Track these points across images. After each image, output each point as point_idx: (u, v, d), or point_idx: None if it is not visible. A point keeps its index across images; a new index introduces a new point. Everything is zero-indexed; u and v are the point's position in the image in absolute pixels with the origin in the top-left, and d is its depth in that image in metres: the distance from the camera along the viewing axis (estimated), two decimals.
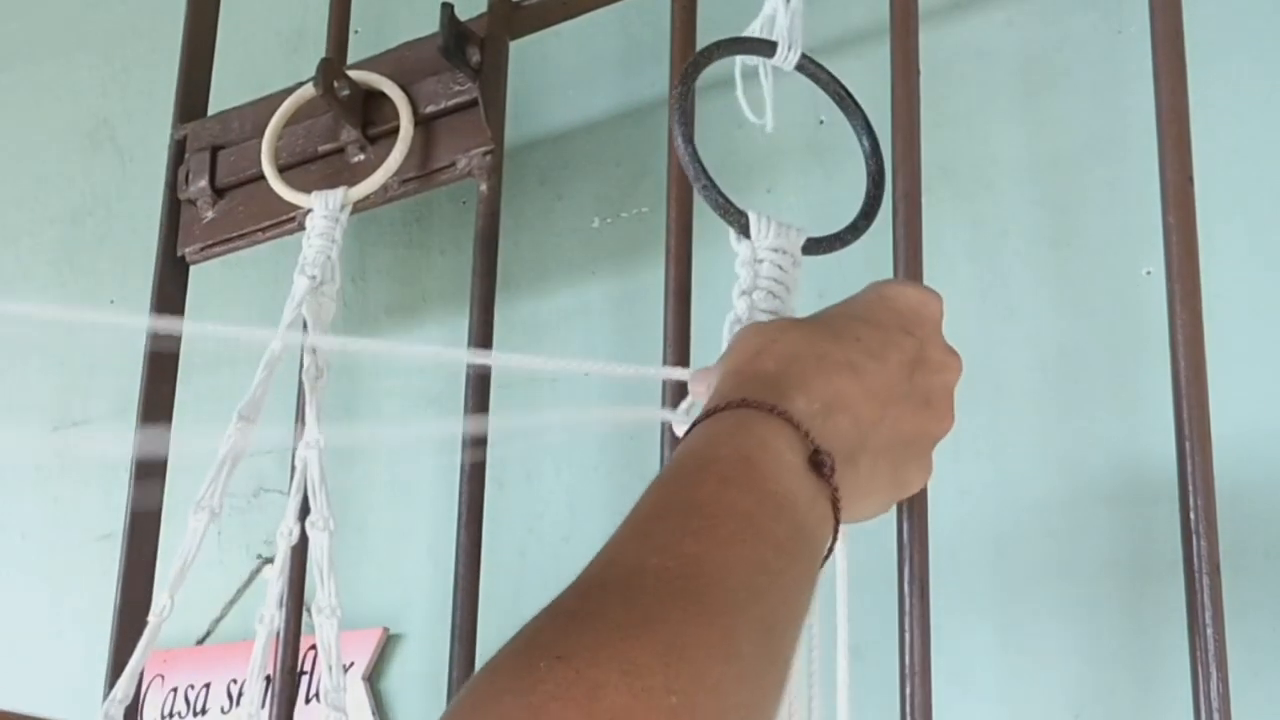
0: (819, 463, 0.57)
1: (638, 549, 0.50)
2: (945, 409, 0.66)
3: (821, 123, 1.11)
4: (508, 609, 1.13)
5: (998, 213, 1.04)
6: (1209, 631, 0.76)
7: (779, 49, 0.80)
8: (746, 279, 0.73)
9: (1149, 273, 0.96)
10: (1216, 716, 0.76)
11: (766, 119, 0.83)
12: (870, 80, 1.04)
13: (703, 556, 0.49)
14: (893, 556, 0.85)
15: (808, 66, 0.81)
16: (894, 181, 0.92)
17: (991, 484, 0.99)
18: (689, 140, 0.75)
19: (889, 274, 0.91)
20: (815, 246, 0.75)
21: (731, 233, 0.74)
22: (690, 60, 0.79)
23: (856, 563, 1.02)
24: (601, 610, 0.46)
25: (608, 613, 0.46)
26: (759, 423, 0.57)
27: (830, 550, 0.58)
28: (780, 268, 0.73)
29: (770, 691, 0.49)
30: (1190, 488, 0.79)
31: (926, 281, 0.90)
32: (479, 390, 1.05)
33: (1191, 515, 0.79)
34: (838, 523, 0.58)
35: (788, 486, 0.55)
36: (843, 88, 0.81)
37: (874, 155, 0.80)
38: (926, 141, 0.93)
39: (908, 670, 0.83)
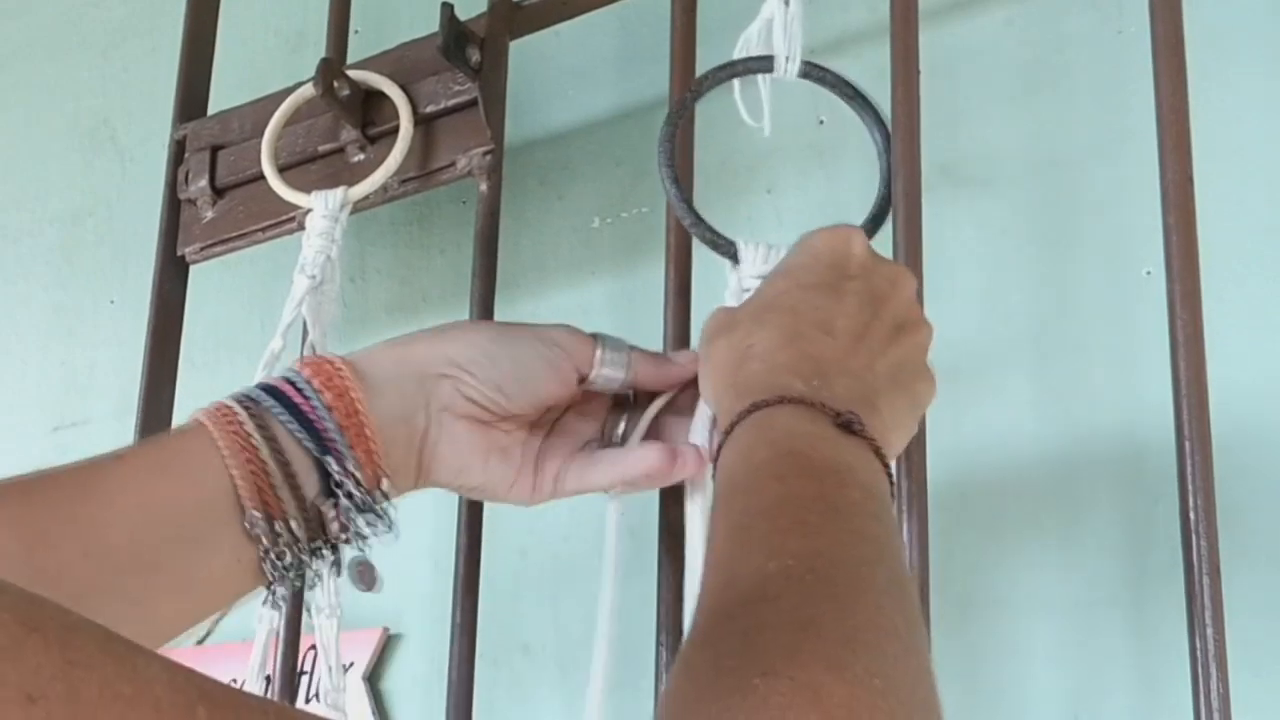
0: (848, 424, 0.58)
1: (749, 563, 0.50)
2: (916, 320, 0.69)
3: (821, 123, 1.11)
4: (508, 609, 1.13)
5: (998, 213, 1.04)
6: (1209, 631, 0.76)
7: (777, 62, 0.80)
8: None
9: (1149, 273, 0.96)
10: (1216, 716, 0.76)
11: (764, 124, 0.83)
12: (870, 80, 1.04)
13: (813, 549, 0.50)
14: None
15: (812, 72, 0.81)
16: (894, 181, 0.92)
17: (991, 480, 0.99)
18: (675, 181, 0.76)
19: None
20: None
21: (727, 262, 0.75)
22: (679, 98, 0.79)
23: None
24: (763, 623, 0.47)
25: (771, 622, 0.47)
26: (778, 417, 0.59)
27: (894, 495, 0.60)
28: None
29: (925, 647, 0.51)
30: (1190, 488, 0.79)
31: (927, 281, 0.90)
32: None
33: (1191, 515, 0.79)
34: (887, 468, 0.59)
35: (837, 457, 0.57)
36: (851, 86, 0.81)
37: (888, 152, 0.80)
38: (926, 141, 0.93)
39: None
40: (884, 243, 0.92)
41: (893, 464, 0.62)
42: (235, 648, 1.26)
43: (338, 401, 0.63)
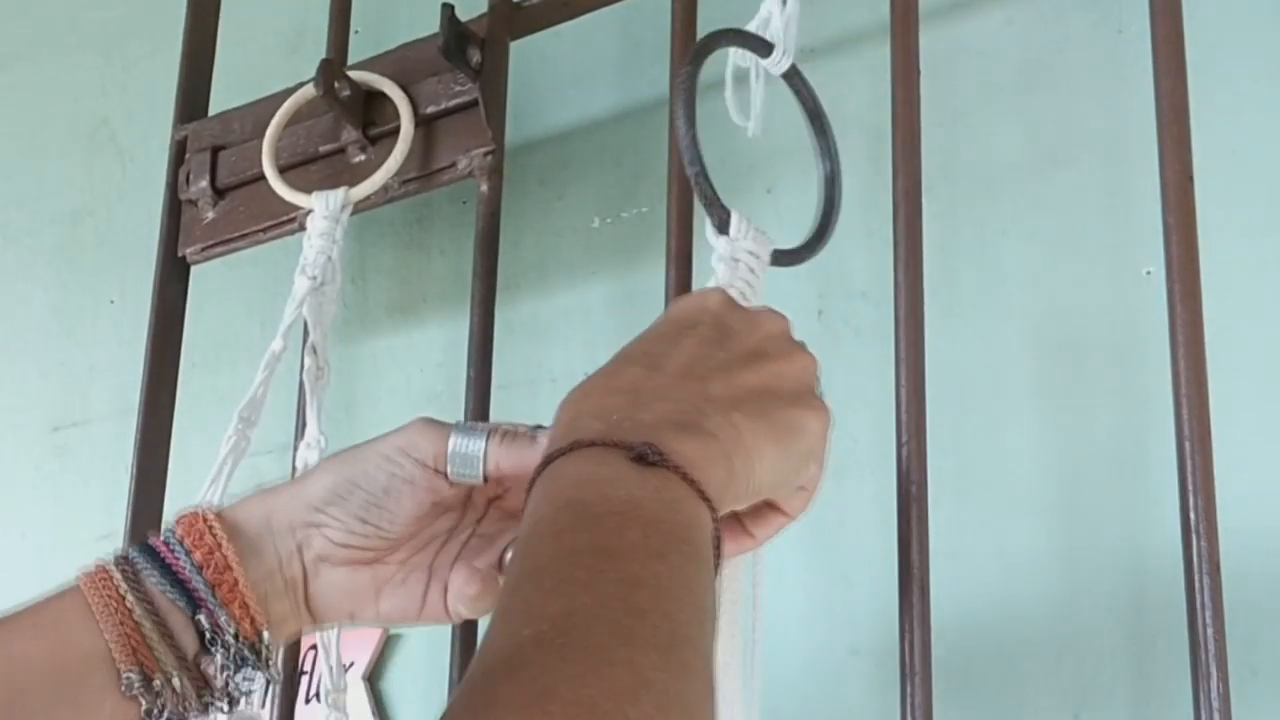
0: (641, 455, 0.54)
1: (505, 631, 0.48)
2: (784, 353, 0.63)
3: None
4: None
5: (998, 213, 1.04)
6: (1209, 631, 0.77)
7: (774, 52, 0.81)
8: (725, 275, 0.74)
9: (1149, 273, 0.96)
10: (1216, 716, 0.76)
11: (752, 123, 0.83)
12: (870, 80, 1.04)
13: (570, 609, 0.48)
14: (893, 556, 0.86)
15: (794, 78, 0.81)
16: (894, 181, 0.92)
17: (990, 484, 0.99)
18: (691, 123, 0.75)
19: (889, 274, 0.91)
20: (779, 258, 0.75)
21: (708, 226, 0.74)
22: (697, 44, 0.79)
23: (856, 563, 1.02)
24: (493, 699, 0.45)
25: (503, 698, 0.45)
26: (566, 467, 0.55)
27: (718, 524, 0.55)
28: (753, 270, 0.73)
29: (698, 694, 0.48)
30: (1190, 488, 0.79)
31: (927, 281, 0.91)
32: (480, 390, 1.05)
33: (1191, 515, 0.79)
34: (704, 495, 0.55)
35: (623, 496, 0.53)
36: (818, 106, 0.81)
37: (832, 181, 0.80)
38: (926, 141, 0.93)
39: (908, 670, 0.83)
40: (884, 242, 0.92)
41: (736, 492, 0.58)
42: None
43: (207, 559, 0.63)
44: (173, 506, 1.16)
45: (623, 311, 1.17)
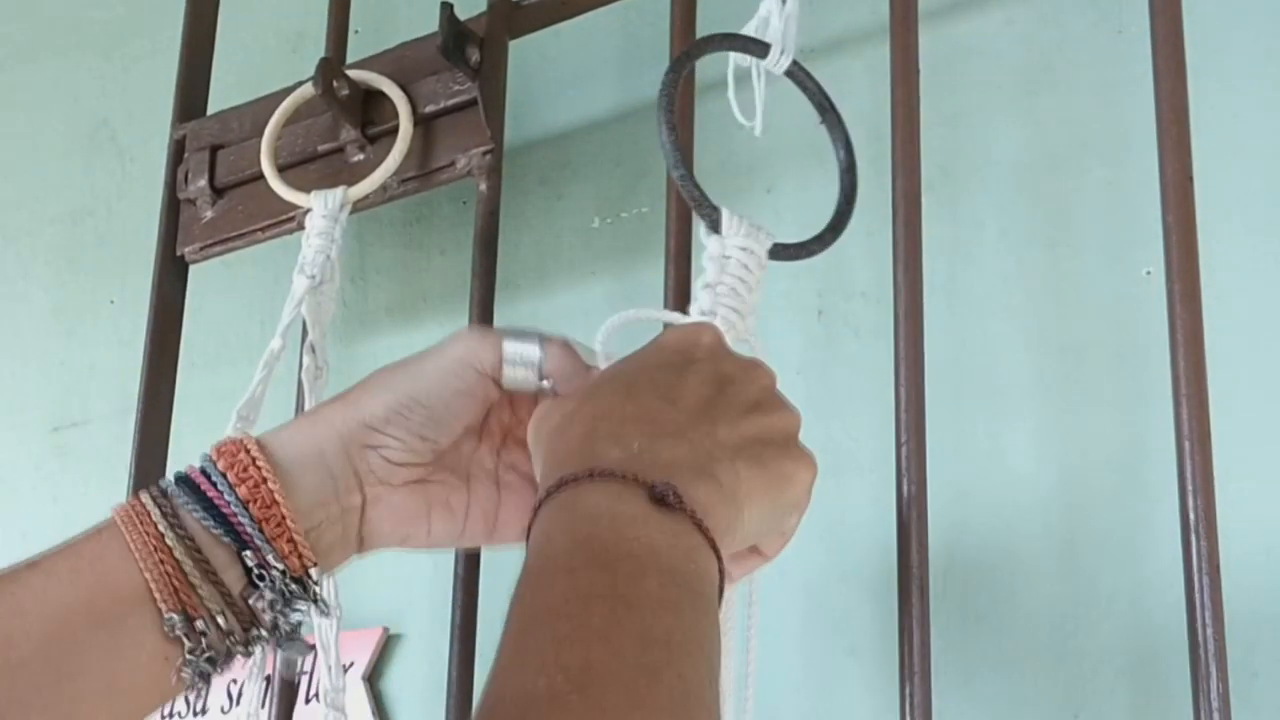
0: (661, 496, 0.53)
1: (519, 678, 0.48)
2: (777, 406, 0.63)
3: (821, 123, 1.11)
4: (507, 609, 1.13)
5: (998, 213, 1.04)
6: (1209, 631, 0.77)
7: (772, 51, 0.80)
8: (713, 273, 0.73)
9: (1149, 273, 0.96)
10: (1216, 716, 0.76)
11: (757, 123, 0.83)
12: (870, 80, 1.04)
13: (585, 662, 0.47)
14: (893, 556, 0.86)
15: (797, 73, 0.81)
16: (894, 181, 0.92)
17: (991, 483, 0.99)
18: (672, 129, 0.75)
19: (890, 271, 0.91)
20: (782, 252, 0.75)
21: (701, 227, 0.74)
22: (682, 50, 0.79)
23: (856, 563, 1.02)
24: None
25: None
26: (582, 495, 0.54)
27: (722, 572, 0.55)
28: (746, 266, 0.73)
29: None
30: (1190, 488, 0.79)
31: (927, 281, 0.91)
32: None
33: (1191, 515, 0.79)
34: (713, 543, 0.54)
35: (641, 538, 0.52)
36: (827, 99, 0.81)
37: (849, 171, 0.79)
38: (926, 141, 0.93)
39: (908, 670, 0.83)
40: (884, 242, 0.92)
41: (731, 540, 0.57)
42: None
43: (253, 493, 0.61)
44: None
45: (622, 311, 1.17)
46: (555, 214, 1.23)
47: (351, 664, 1.17)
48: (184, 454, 1.20)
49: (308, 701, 1.16)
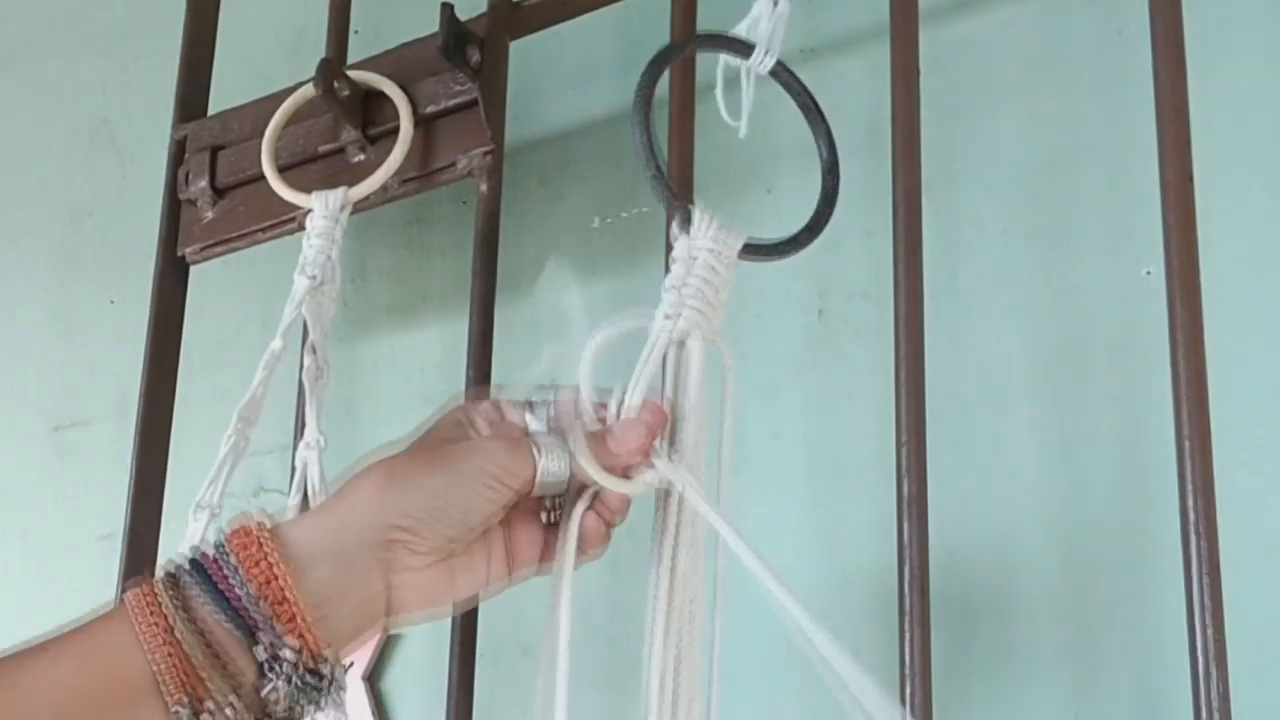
0: None
1: None
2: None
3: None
4: (508, 609, 1.13)
5: (998, 213, 1.04)
6: (1209, 631, 0.77)
7: (755, 52, 0.80)
8: (678, 274, 0.73)
9: (1149, 273, 0.96)
10: (1216, 716, 0.76)
11: (743, 123, 0.83)
12: (870, 80, 1.04)
13: None
14: (893, 557, 0.86)
15: (781, 74, 0.81)
16: (894, 181, 0.92)
17: (991, 483, 0.99)
18: (645, 128, 0.75)
19: (890, 271, 0.91)
20: (753, 253, 0.75)
21: (673, 226, 0.74)
22: (660, 50, 0.79)
23: (856, 563, 1.02)
24: None
25: None
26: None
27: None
28: (713, 267, 0.73)
29: None
30: (1190, 488, 0.79)
31: (927, 281, 0.90)
32: (479, 390, 1.05)
33: (1191, 515, 0.79)
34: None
35: None
36: (811, 99, 0.81)
37: (830, 172, 0.79)
38: (926, 141, 0.93)
39: (908, 670, 0.83)
40: (884, 243, 0.92)
41: None
42: None
43: (264, 587, 0.61)
44: (172, 506, 1.16)
45: (622, 311, 1.17)
46: (555, 214, 1.23)
47: (351, 664, 1.16)
48: (184, 454, 1.20)
49: None
